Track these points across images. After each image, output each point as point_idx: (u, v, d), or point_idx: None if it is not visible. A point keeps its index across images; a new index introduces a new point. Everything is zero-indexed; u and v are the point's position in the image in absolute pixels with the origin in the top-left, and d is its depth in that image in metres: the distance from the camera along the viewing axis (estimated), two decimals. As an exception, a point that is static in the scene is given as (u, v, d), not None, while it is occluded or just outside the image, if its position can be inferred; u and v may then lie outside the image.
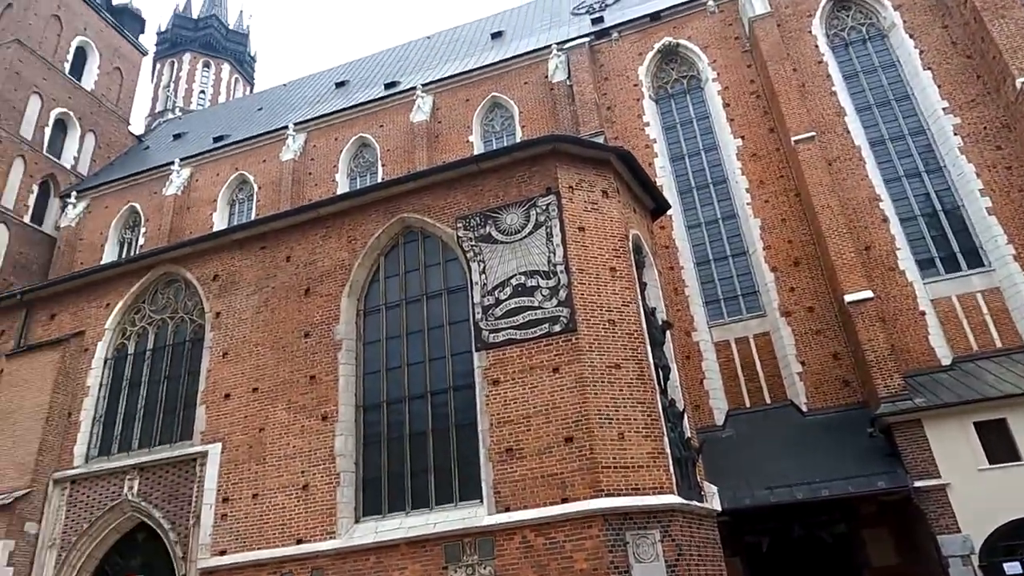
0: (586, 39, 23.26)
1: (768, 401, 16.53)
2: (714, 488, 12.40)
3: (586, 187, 12.38)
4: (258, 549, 11.57)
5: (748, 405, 16.60)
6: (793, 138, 17.77)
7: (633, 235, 12.94)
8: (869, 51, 19.68)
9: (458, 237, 12.51)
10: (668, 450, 10.75)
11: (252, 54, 53.59)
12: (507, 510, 10.27)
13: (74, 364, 14.83)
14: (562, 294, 11.35)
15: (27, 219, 29.23)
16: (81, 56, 34.05)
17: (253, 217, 25.63)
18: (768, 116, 19.76)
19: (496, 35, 28.27)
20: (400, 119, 25.35)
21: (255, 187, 26.98)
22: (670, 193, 19.32)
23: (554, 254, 11.67)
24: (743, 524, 13.99)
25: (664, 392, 11.94)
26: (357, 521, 11.45)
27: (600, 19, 24.59)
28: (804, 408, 15.88)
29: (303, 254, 13.91)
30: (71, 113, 32.32)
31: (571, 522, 9.86)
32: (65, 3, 33.28)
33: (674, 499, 10.17)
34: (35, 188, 29.92)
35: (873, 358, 14.51)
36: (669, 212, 17.67)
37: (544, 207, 12.07)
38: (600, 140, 19.09)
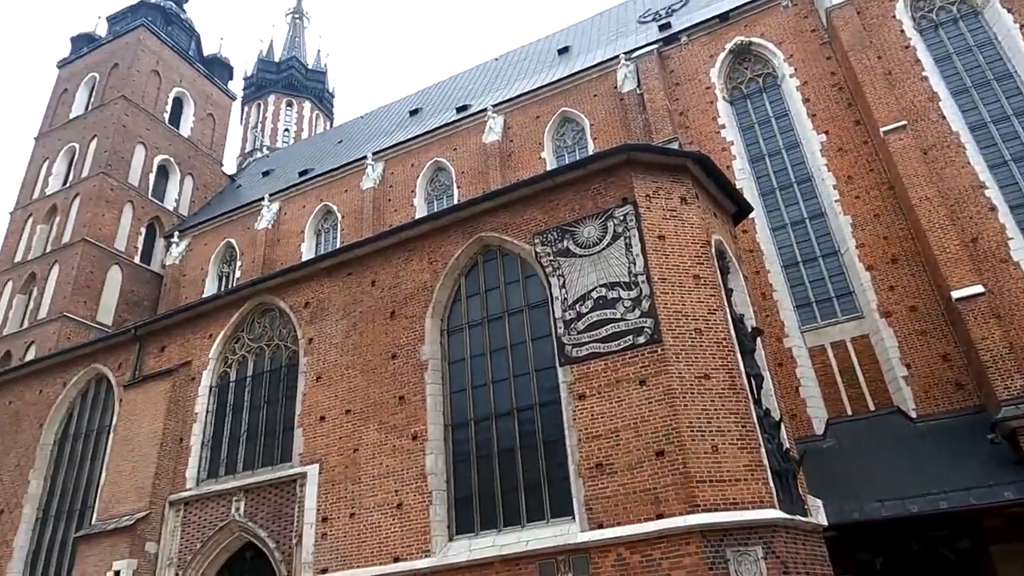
0: (654, 46, 23.01)
1: (872, 408, 15.57)
2: (818, 502, 11.76)
3: (664, 195, 12.17)
4: (358, 567, 11.88)
5: (850, 413, 15.69)
6: (882, 129, 16.84)
7: (716, 240, 12.58)
8: (962, 30, 18.46)
9: (536, 253, 12.55)
10: (766, 462, 10.29)
11: (330, 90, 56.15)
12: (600, 527, 10.10)
13: (183, 392, 15.80)
14: (645, 305, 11.15)
15: (137, 259, 31.64)
16: (178, 106, 36.74)
17: (338, 245, 26.67)
18: (853, 108, 18.84)
19: (563, 51, 28.41)
20: (473, 141, 25.83)
21: (339, 216, 28.11)
22: (751, 195, 18.69)
23: (634, 264, 11.50)
24: (853, 540, 13.15)
25: (758, 402, 11.47)
26: (451, 539, 11.57)
27: (667, 25, 24.28)
28: (913, 414, 14.84)
29: (387, 278, 14.33)
30: (171, 159, 34.87)
31: (667, 539, 9.59)
32: (163, 59, 36.07)
33: (776, 513, 9.71)
34: (143, 230, 32.38)
35: (989, 358, 13.42)
36: (752, 215, 17.03)
37: (621, 218, 11.94)
38: (675, 146, 18.75)
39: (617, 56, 23.64)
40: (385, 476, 12.37)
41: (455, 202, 24.22)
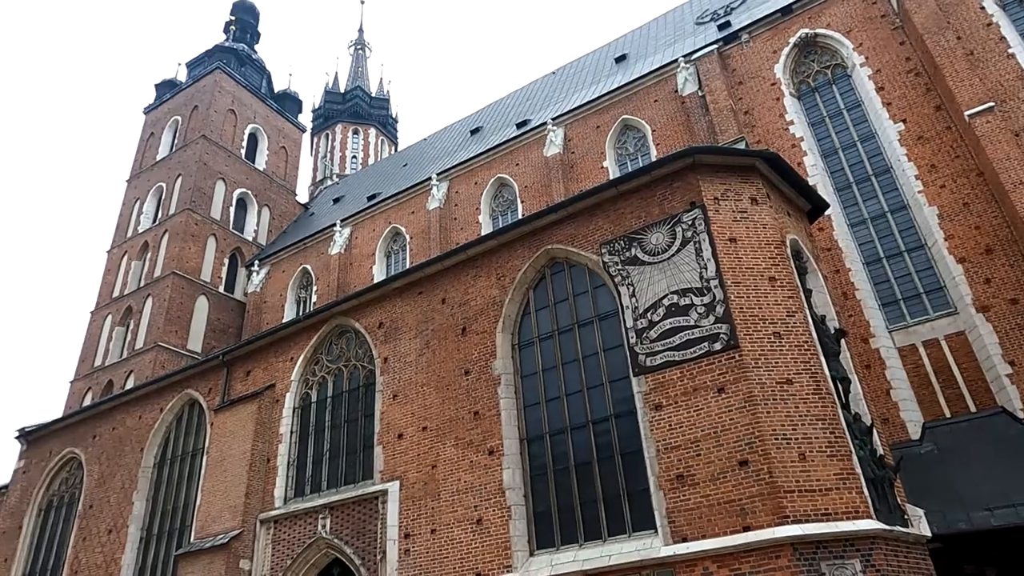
0: (714, 46, 22.58)
1: (973, 409, 14.58)
2: (919, 511, 11.05)
3: (733, 196, 11.86)
4: (441, 583, 11.98)
5: (948, 415, 14.74)
6: (966, 112, 15.91)
7: (791, 240, 12.14)
8: (1050, 2, 17.27)
9: (604, 263, 12.45)
10: (859, 469, 9.78)
11: (394, 116, 57.84)
12: (684, 540, 9.83)
13: (269, 414, 16.46)
14: (719, 310, 10.85)
15: (221, 289, 33.35)
16: (253, 141, 38.68)
17: (408, 265, 27.29)
18: (932, 94, 17.88)
19: (620, 59, 28.28)
20: (534, 155, 25.99)
21: (407, 237, 28.79)
22: (826, 191, 18.00)
23: (706, 269, 11.23)
24: (960, 552, 12.29)
25: (846, 406, 10.93)
26: (532, 554, 11.51)
27: (727, 24, 23.80)
28: (1021, 414, 13.79)
29: (457, 295, 14.53)
30: (249, 192, 36.69)
31: (756, 552, 9.22)
32: (238, 98, 38.10)
33: (873, 524, 9.19)
34: (226, 261, 34.14)
35: (1106, 351, 12.35)
36: (828, 212, 16.41)
37: (690, 222, 11.70)
38: (741, 146, 18.27)
39: (676, 60, 23.34)
40: (464, 492, 12.46)
41: (520, 217, 24.38)
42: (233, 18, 44.26)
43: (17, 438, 22.14)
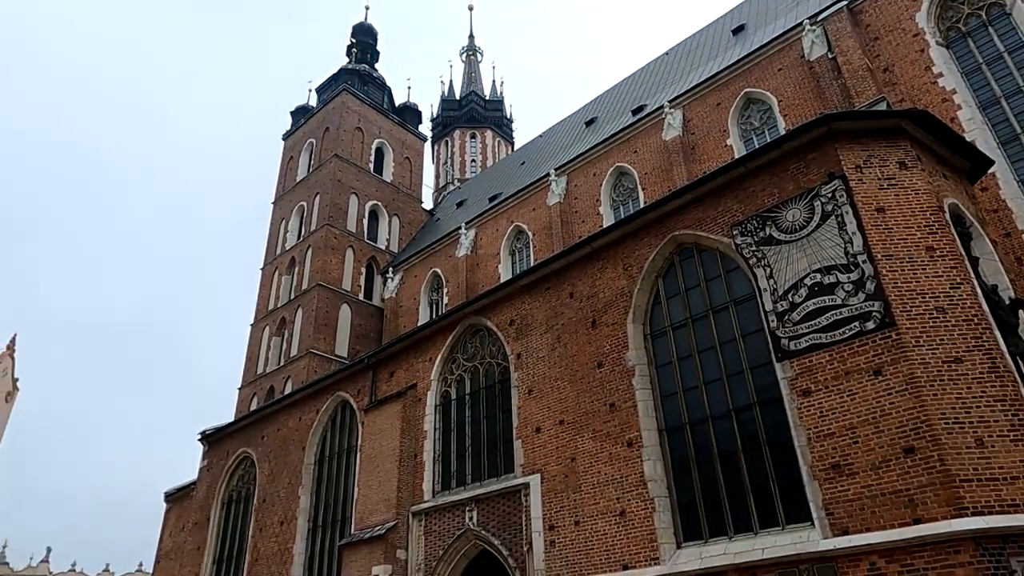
0: (843, 3, 20.91)
1: None
2: None
3: (877, 162, 10.95)
4: (587, 574, 12.07)
5: None
6: None
7: (949, 204, 11.03)
8: None
9: (736, 245, 11.94)
10: (1051, 455, 8.71)
11: (508, 116, 58.76)
12: (845, 533, 9.23)
13: (413, 412, 17.35)
14: (869, 286, 10.07)
15: (361, 296, 35.55)
16: (379, 155, 40.88)
17: (533, 262, 27.66)
18: (1118, 21, 15.48)
19: (737, 30, 26.92)
20: (652, 140, 25.40)
21: (530, 234, 29.18)
22: (987, 146, 16.13)
23: (851, 244, 10.46)
24: None
25: (1030, 385, 9.76)
26: (679, 547, 11.31)
27: (856, -24, 21.91)
28: None
29: (584, 288, 14.55)
30: (379, 203, 38.83)
31: (930, 547, 8.48)
32: (363, 116, 40.42)
33: (1073, 516, 8.16)
34: (363, 270, 36.35)
35: None
36: (991, 169, 14.69)
37: (829, 195, 10.94)
38: (882, 107, 16.83)
39: (800, 23, 21.87)
40: (605, 484, 12.47)
41: (642, 205, 23.95)
42: (354, 41, 46.97)
43: (200, 440, 24.90)
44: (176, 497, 27.15)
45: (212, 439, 24.55)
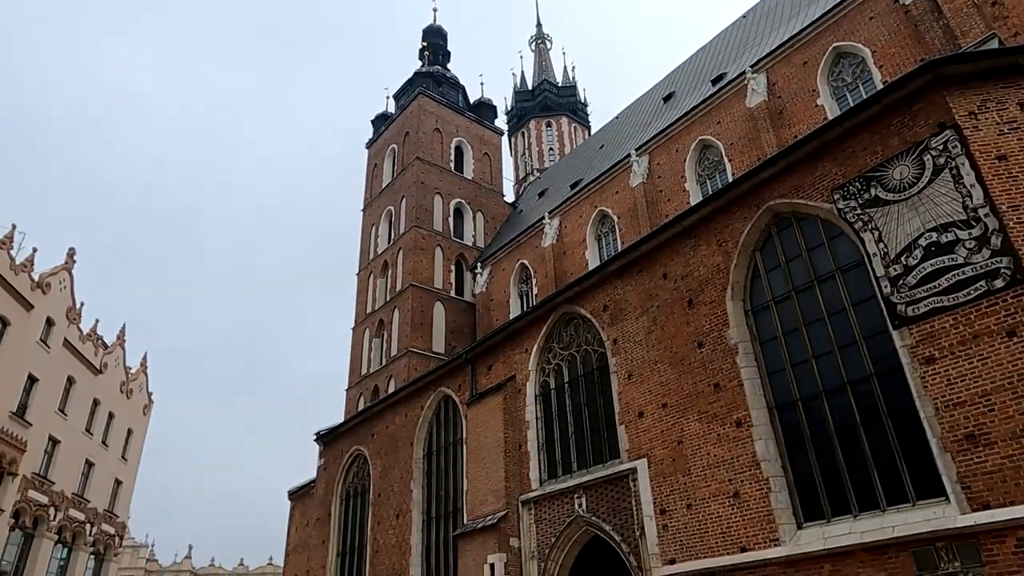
0: (939, -64, 19.25)
1: None
2: None
3: (994, 106, 10.08)
4: (705, 557, 11.88)
5: None
6: None
7: (1084, 144, 9.99)
8: None
9: (839, 210, 11.32)
10: None
11: (583, 100, 58.14)
12: (986, 507, 8.62)
13: (514, 403, 17.62)
14: (995, 242, 9.31)
15: (452, 293, 36.34)
16: (459, 153, 41.54)
17: (620, 246, 27.34)
18: None
19: (820, -19, 25.36)
20: (736, 109, 24.46)
21: (615, 218, 28.83)
22: (1125, 74, 14.43)
23: (970, 197, 9.69)
24: None
25: None
26: (800, 527, 10.93)
27: (952, -95, 20.13)
28: None
29: (677, 268, 14.25)
30: (463, 201, 39.49)
31: (1087, 518, 7.79)
32: (440, 116, 41.17)
33: None
34: (452, 268, 37.11)
35: None
36: None
37: (941, 147, 10.18)
38: (994, 45, 15.43)
39: (891, -35, 20.34)
40: (715, 466, 12.21)
41: (730, 177, 23.14)
42: (425, 44, 47.85)
43: (315, 440, 26.34)
44: (298, 495, 28.88)
45: (326, 439, 25.89)
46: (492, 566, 15.82)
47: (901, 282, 10.19)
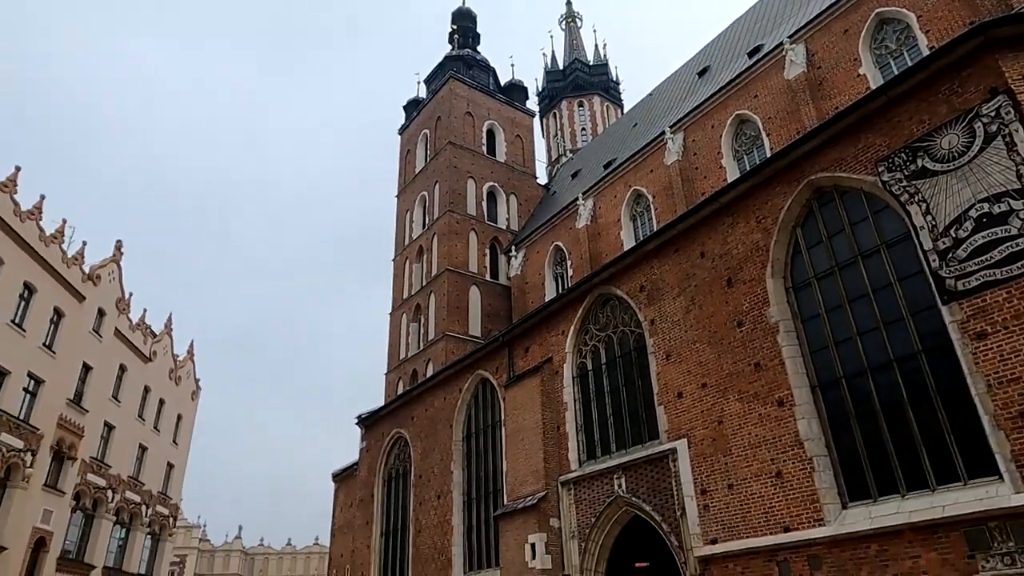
0: None
1: None
2: None
3: (1050, 69, 9.60)
4: (747, 537, 11.81)
5: None
6: None
7: None
8: None
9: (884, 183, 10.98)
10: None
11: (615, 79, 57.21)
12: (1042, 486, 8.37)
13: (551, 385, 17.66)
14: (1051, 211, 8.92)
15: (487, 277, 36.43)
16: (491, 136, 41.37)
17: (655, 225, 27.00)
18: None
19: (861, -55, 24.38)
20: (773, 82, 23.80)
21: (650, 197, 28.45)
22: None
23: (1024, 165, 9.29)
24: None
25: None
26: (845, 507, 10.77)
27: None
28: None
29: (715, 246, 14.03)
30: (496, 184, 39.41)
31: None
32: (471, 100, 41.03)
33: None
34: (487, 251, 37.16)
35: None
36: None
37: (993, 113, 9.76)
38: (1050, 4, 14.66)
39: (938, -77, 19.43)
40: (757, 445, 12.08)
41: (768, 152, 22.60)
42: (455, 27, 47.61)
43: (357, 424, 26.86)
44: (342, 477, 29.55)
45: (368, 422, 26.39)
46: (533, 546, 15.99)
47: (950, 255, 9.86)
